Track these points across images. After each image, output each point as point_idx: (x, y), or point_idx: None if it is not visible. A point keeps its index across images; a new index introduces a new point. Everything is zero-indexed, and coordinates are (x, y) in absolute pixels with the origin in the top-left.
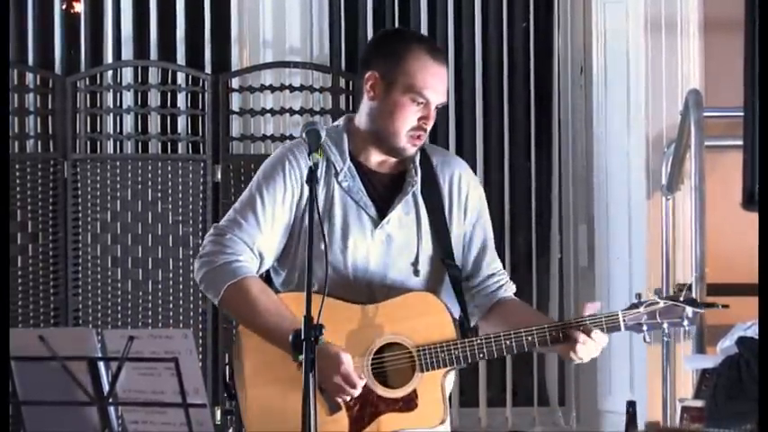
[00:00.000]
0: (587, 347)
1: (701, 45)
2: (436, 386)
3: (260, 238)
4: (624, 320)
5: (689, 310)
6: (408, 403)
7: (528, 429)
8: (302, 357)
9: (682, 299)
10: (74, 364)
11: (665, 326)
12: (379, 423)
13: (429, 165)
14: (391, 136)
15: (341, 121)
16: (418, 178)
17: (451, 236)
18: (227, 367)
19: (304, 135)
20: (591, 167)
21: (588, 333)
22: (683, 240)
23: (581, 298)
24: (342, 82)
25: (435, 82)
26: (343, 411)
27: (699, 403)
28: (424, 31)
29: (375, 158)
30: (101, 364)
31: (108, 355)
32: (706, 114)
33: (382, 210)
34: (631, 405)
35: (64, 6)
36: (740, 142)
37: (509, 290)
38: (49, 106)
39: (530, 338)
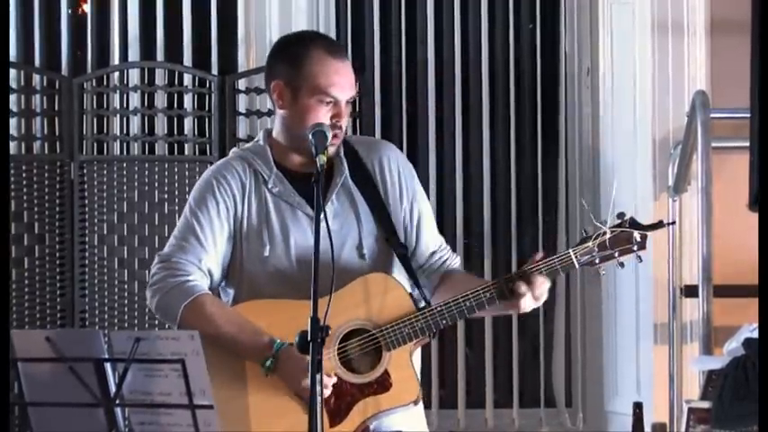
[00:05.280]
0: (528, 297)
1: (707, 46)
2: (406, 362)
3: (205, 255)
4: (576, 257)
5: (636, 234)
6: (382, 384)
7: (535, 430)
8: (268, 364)
9: (627, 224)
10: (80, 365)
11: (617, 254)
12: (358, 410)
13: (354, 155)
14: (308, 140)
15: (260, 136)
16: (345, 167)
17: (391, 216)
18: None
19: (310, 136)
20: (597, 168)
21: (529, 281)
22: (690, 241)
23: (588, 298)
24: None
25: (339, 79)
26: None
27: (705, 404)
28: (430, 31)
29: (299, 161)
30: (107, 366)
31: (115, 356)
32: (713, 116)
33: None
34: (638, 406)
35: (71, 8)
36: (747, 144)
37: (453, 264)
38: (56, 108)
39: (488, 295)
